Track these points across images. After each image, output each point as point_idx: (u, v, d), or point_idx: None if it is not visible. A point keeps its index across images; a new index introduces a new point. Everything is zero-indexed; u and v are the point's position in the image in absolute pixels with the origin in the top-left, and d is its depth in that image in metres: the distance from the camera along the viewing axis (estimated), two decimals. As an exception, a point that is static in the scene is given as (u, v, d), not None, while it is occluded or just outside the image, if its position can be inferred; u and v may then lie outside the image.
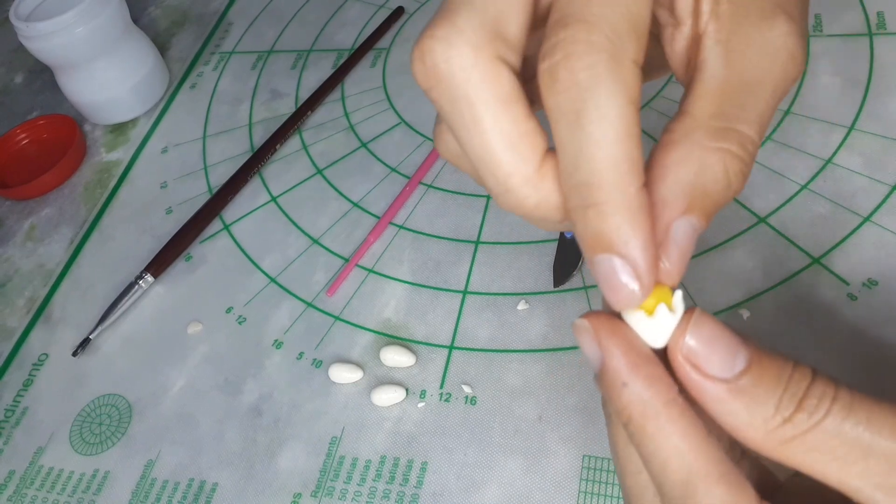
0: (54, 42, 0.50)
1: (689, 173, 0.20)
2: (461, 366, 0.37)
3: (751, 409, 0.19)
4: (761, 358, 0.20)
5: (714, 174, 0.20)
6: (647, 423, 0.20)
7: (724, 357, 0.19)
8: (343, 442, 0.36)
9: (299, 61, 0.56)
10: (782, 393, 0.19)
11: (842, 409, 0.19)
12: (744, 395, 0.19)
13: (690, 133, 0.20)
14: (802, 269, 0.36)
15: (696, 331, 0.20)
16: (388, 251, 0.43)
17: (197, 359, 0.41)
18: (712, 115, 0.20)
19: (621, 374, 0.20)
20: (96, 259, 0.48)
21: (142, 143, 0.54)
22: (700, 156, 0.20)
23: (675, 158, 0.20)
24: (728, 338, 0.20)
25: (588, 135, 0.18)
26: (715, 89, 0.20)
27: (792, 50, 0.21)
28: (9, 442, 0.41)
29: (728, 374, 0.19)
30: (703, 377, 0.19)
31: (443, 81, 0.19)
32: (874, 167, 0.38)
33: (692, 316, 0.20)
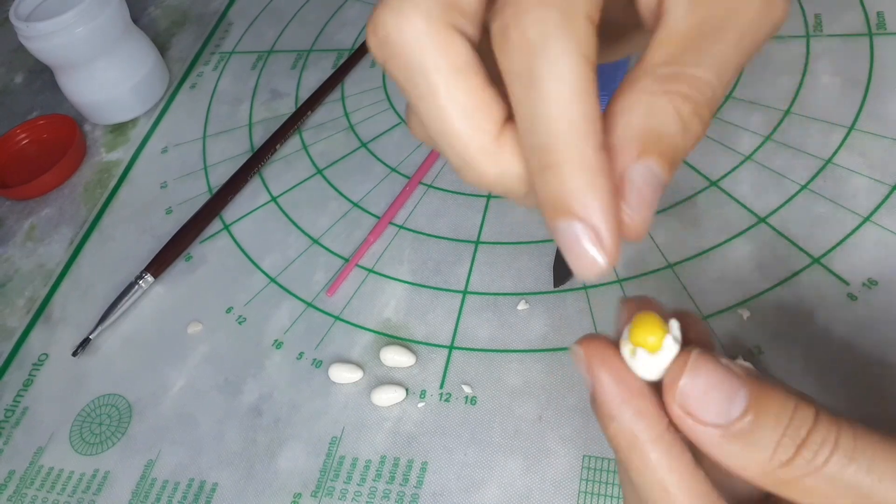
0: (54, 42, 0.50)
1: (639, 117, 0.18)
2: (461, 366, 0.37)
3: (747, 452, 0.19)
4: (761, 399, 0.19)
5: (665, 116, 0.18)
6: (633, 455, 0.20)
7: (721, 403, 0.19)
8: (343, 442, 0.36)
9: (299, 61, 0.56)
10: (780, 437, 0.19)
11: (843, 456, 0.18)
12: (740, 439, 0.19)
13: (637, 80, 0.19)
14: (802, 269, 0.36)
15: (692, 378, 0.19)
16: (388, 251, 0.43)
17: (197, 359, 0.41)
18: (663, 62, 0.19)
19: (609, 407, 0.20)
20: (96, 259, 0.48)
21: (142, 143, 0.54)
22: (648, 100, 0.18)
23: (622, 106, 0.19)
24: (726, 381, 0.19)
25: (542, 94, 0.17)
26: (671, 37, 0.19)
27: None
28: (9, 442, 0.41)
29: (724, 420, 0.19)
30: (698, 423, 0.19)
31: (396, 53, 0.19)
32: (874, 167, 0.38)
33: (688, 360, 0.19)
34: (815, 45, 0.44)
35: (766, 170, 0.40)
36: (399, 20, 0.18)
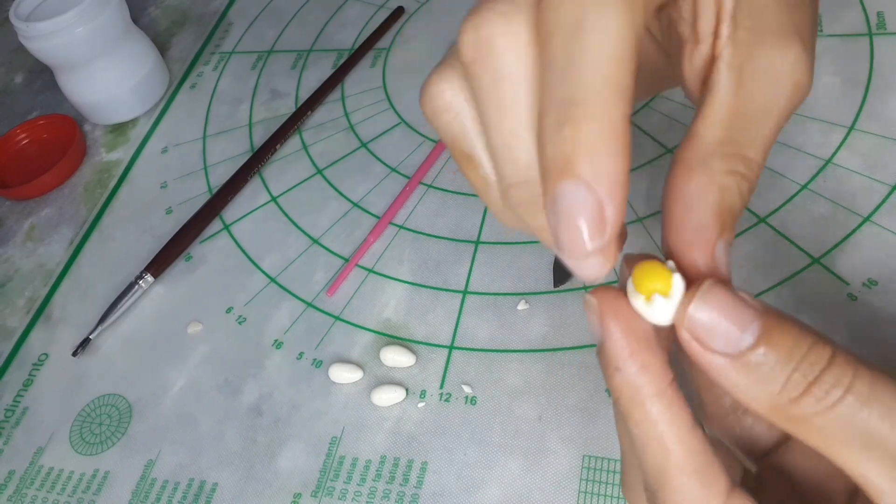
0: (54, 42, 0.50)
1: (715, 198, 0.20)
2: (461, 366, 0.37)
3: (756, 385, 0.19)
4: (774, 332, 0.19)
5: (732, 195, 0.20)
6: (634, 408, 0.20)
7: (731, 332, 0.19)
8: (343, 442, 0.36)
9: (299, 61, 0.56)
10: (791, 372, 0.19)
11: (856, 399, 0.18)
12: (749, 370, 0.19)
13: (707, 159, 0.21)
14: (802, 269, 0.36)
15: (701, 304, 0.19)
16: (388, 251, 0.43)
17: (197, 359, 0.41)
18: (723, 140, 0.21)
19: (616, 359, 0.20)
20: (96, 259, 0.48)
21: (142, 143, 0.54)
22: (718, 181, 0.20)
23: (700, 186, 0.20)
24: (737, 311, 0.19)
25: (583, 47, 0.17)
26: (725, 115, 0.21)
27: (799, 79, 0.21)
28: (9, 442, 0.41)
29: (733, 350, 0.19)
30: (706, 351, 0.19)
31: (491, 56, 0.19)
32: (874, 167, 0.38)
33: (700, 287, 0.19)
34: (815, 45, 0.44)
35: (766, 170, 0.40)
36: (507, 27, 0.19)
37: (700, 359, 0.19)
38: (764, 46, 0.21)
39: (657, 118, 0.44)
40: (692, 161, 0.21)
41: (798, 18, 0.22)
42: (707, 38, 0.22)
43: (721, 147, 0.21)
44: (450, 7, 0.56)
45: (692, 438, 0.20)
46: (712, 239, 0.20)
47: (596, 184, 0.17)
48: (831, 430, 0.18)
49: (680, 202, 0.21)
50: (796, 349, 0.19)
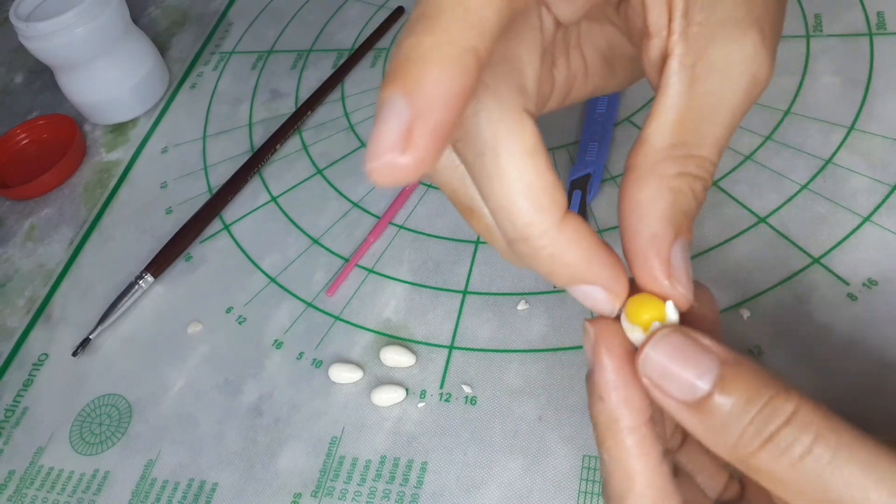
0: (54, 42, 0.50)
1: (667, 204, 0.21)
2: (461, 366, 0.37)
3: (713, 433, 0.19)
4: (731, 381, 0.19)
5: (684, 198, 0.21)
6: (608, 437, 0.21)
7: (686, 378, 0.19)
8: (343, 442, 0.36)
9: (299, 61, 0.56)
10: (748, 424, 0.19)
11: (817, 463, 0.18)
12: (706, 417, 0.19)
13: (657, 165, 0.21)
14: (802, 269, 0.36)
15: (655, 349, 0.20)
16: (388, 251, 0.43)
17: (197, 359, 0.41)
18: (673, 144, 0.21)
19: (600, 389, 0.21)
20: (96, 259, 0.48)
21: (142, 143, 0.54)
22: (668, 185, 0.21)
23: (650, 195, 0.21)
24: (695, 356, 0.19)
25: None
26: (674, 118, 0.21)
27: (756, 71, 0.21)
28: (9, 442, 0.41)
29: (689, 397, 0.19)
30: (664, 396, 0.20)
31: (468, 136, 0.19)
32: (874, 167, 0.38)
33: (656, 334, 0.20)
34: (815, 45, 0.44)
35: (766, 170, 0.40)
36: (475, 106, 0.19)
37: (659, 402, 0.20)
38: (717, 40, 0.21)
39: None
40: (642, 168, 0.21)
41: (757, 7, 0.21)
42: (660, 31, 0.21)
43: (671, 150, 0.21)
44: (450, 7, 0.56)
45: (657, 474, 0.21)
46: (666, 247, 0.21)
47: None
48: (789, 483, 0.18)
49: (633, 212, 0.21)
50: (754, 400, 0.19)
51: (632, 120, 0.44)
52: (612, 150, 0.43)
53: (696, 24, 0.21)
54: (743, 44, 0.21)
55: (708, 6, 0.21)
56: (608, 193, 0.41)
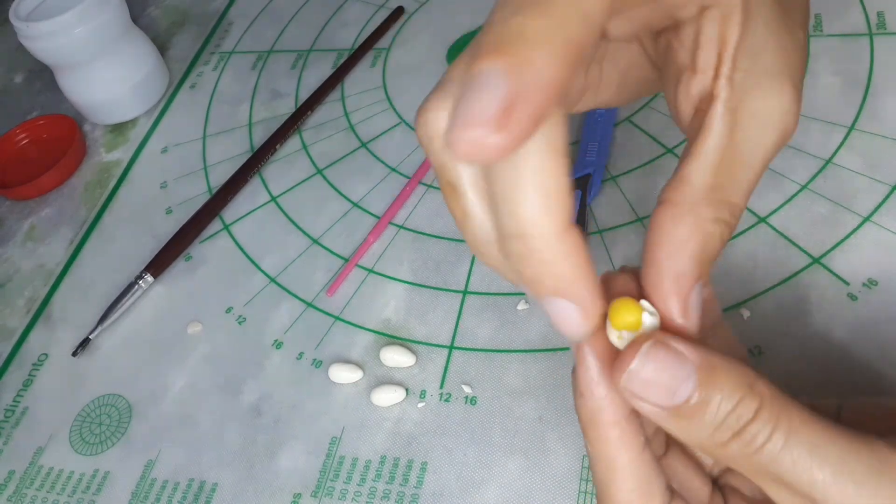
0: (54, 42, 0.50)
1: (699, 247, 0.21)
2: (461, 366, 0.37)
3: (688, 431, 0.21)
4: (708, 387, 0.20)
5: (713, 242, 0.21)
6: (590, 430, 0.22)
7: (667, 389, 0.20)
8: (343, 442, 0.36)
9: (299, 61, 0.56)
10: (720, 423, 0.20)
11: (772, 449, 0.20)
12: (682, 419, 0.21)
13: (695, 206, 0.21)
14: (802, 269, 0.36)
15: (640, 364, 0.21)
16: (388, 251, 0.43)
17: (197, 359, 0.41)
18: (712, 186, 0.21)
19: (584, 385, 0.22)
20: (96, 259, 0.48)
21: (142, 143, 0.54)
22: (703, 228, 0.21)
23: (684, 234, 0.21)
24: (674, 369, 0.21)
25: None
26: (716, 160, 0.21)
27: (788, 124, 0.22)
28: (9, 442, 0.41)
29: (668, 404, 0.21)
30: (643, 404, 0.21)
31: None
32: (874, 167, 0.38)
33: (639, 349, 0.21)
34: (815, 45, 0.44)
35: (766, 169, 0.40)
36: None
37: (639, 409, 0.21)
38: (759, 90, 0.22)
39: (657, 118, 0.44)
40: (681, 205, 0.21)
41: (792, 63, 0.22)
42: (706, 71, 0.22)
43: (710, 193, 0.21)
44: (450, 7, 0.56)
45: (640, 463, 0.22)
46: (689, 287, 0.21)
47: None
48: (753, 469, 0.21)
49: (664, 247, 0.21)
50: (725, 403, 0.20)
51: (632, 120, 0.44)
52: (612, 151, 0.43)
53: (742, 71, 0.21)
54: (781, 97, 0.22)
55: (752, 55, 0.21)
56: (608, 193, 0.41)
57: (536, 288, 0.20)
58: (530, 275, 0.20)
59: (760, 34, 0.22)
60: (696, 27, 0.22)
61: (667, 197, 0.22)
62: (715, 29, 0.21)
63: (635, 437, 0.22)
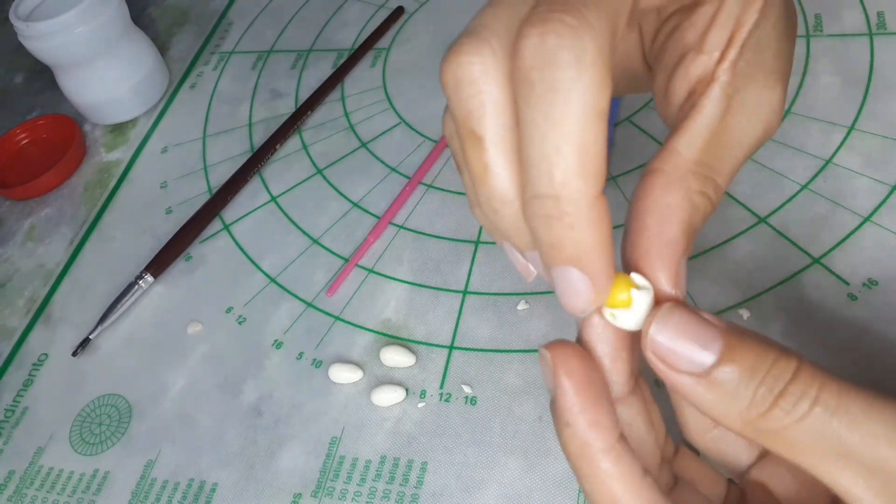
0: (54, 42, 0.50)
1: (686, 215, 0.21)
2: (461, 366, 0.37)
3: (724, 402, 0.19)
4: (736, 349, 0.19)
5: (698, 214, 0.22)
6: (582, 463, 0.21)
7: (693, 351, 0.19)
8: (343, 442, 0.36)
9: (299, 61, 0.56)
10: (757, 386, 0.19)
11: (825, 410, 0.18)
12: (716, 388, 0.19)
13: (683, 176, 0.22)
14: (802, 269, 0.36)
15: (661, 325, 0.20)
16: (388, 251, 0.43)
17: (197, 359, 0.41)
18: (699, 161, 0.22)
19: (566, 414, 0.20)
20: (96, 259, 0.48)
21: (142, 143, 0.54)
22: (691, 198, 0.21)
23: (675, 201, 0.21)
24: (698, 329, 0.20)
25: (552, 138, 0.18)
26: (706, 138, 0.22)
27: (772, 121, 0.23)
28: (9, 442, 0.41)
29: (697, 369, 0.19)
30: (671, 371, 0.20)
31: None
32: (874, 167, 0.38)
33: (660, 310, 0.20)
34: (815, 45, 0.44)
35: (766, 170, 0.40)
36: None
37: (667, 379, 0.20)
38: (756, 82, 0.22)
39: (657, 118, 0.44)
40: (671, 174, 0.21)
41: (786, 65, 0.23)
42: (712, 51, 0.22)
43: (697, 166, 0.22)
44: (450, 7, 0.56)
45: (642, 490, 0.20)
46: (679, 253, 0.21)
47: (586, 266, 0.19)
48: (803, 443, 0.19)
49: (654, 213, 0.21)
50: (760, 364, 0.19)
51: (632, 120, 0.44)
52: (612, 151, 0.43)
53: (745, 60, 0.22)
54: (773, 94, 0.23)
55: (756, 49, 0.22)
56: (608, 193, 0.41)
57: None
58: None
59: (770, 31, 0.22)
60: (718, 5, 0.22)
61: (655, 167, 0.22)
62: (736, 9, 0.22)
63: (632, 464, 0.21)
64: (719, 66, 0.22)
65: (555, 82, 0.18)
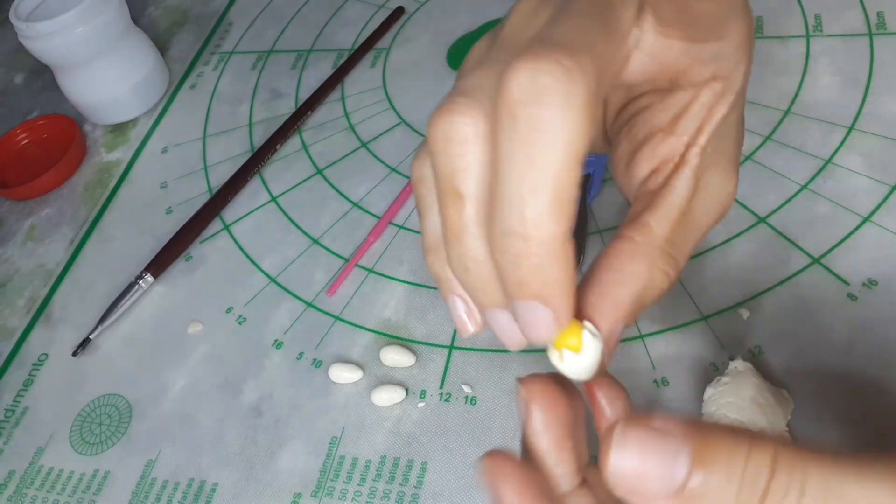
0: (54, 42, 0.50)
1: (642, 286, 0.22)
2: (461, 366, 0.37)
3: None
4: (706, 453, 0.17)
5: (654, 290, 0.23)
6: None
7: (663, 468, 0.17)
8: (343, 442, 0.36)
9: (299, 61, 0.56)
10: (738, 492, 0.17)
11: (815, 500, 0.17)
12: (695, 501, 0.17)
13: (651, 251, 0.23)
14: (802, 269, 0.36)
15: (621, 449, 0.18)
16: (388, 251, 0.43)
17: (197, 359, 0.41)
18: (668, 240, 0.23)
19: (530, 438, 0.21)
20: (96, 259, 0.48)
21: (142, 143, 0.54)
22: (652, 274, 0.23)
23: (636, 271, 0.22)
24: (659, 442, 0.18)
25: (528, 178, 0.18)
26: (675, 217, 0.23)
27: (727, 205, 0.25)
28: (9, 442, 0.41)
29: (670, 488, 0.17)
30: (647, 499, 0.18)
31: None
32: (874, 167, 0.38)
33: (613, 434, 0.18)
34: (815, 45, 0.44)
35: (766, 170, 0.40)
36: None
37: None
38: (718, 168, 0.24)
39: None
40: (641, 246, 0.23)
41: (740, 153, 0.25)
42: (682, 135, 0.24)
43: (665, 245, 0.23)
44: (450, 7, 0.56)
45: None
46: (622, 317, 0.22)
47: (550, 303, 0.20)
48: None
49: (615, 274, 0.22)
50: (735, 462, 0.17)
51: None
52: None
53: (711, 148, 0.24)
54: (729, 180, 0.25)
55: (721, 136, 0.24)
56: (608, 194, 0.41)
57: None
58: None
59: (733, 120, 0.24)
60: (694, 94, 0.24)
61: (629, 235, 0.23)
62: (710, 100, 0.24)
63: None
64: (690, 150, 0.24)
65: (540, 121, 0.18)
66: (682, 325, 0.36)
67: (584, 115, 0.18)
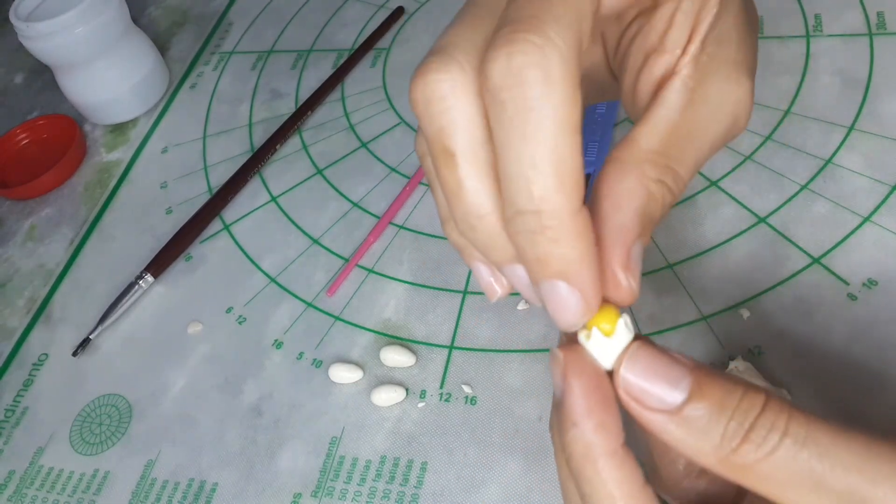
0: (54, 42, 0.50)
1: (640, 202, 0.21)
2: (461, 366, 0.37)
3: (696, 438, 0.19)
4: (705, 386, 0.20)
5: (655, 202, 0.22)
6: (586, 465, 0.20)
7: (663, 388, 0.20)
8: (343, 442, 0.36)
9: (299, 61, 0.56)
10: (727, 422, 0.19)
11: (794, 442, 0.19)
12: (688, 425, 0.19)
13: (639, 163, 0.21)
14: (802, 269, 0.36)
15: (632, 364, 0.20)
16: (388, 251, 0.43)
17: (197, 359, 0.41)
18: (658, 151, 0.22)
19: (574, 414, 0.21)
20: (96, 259, 0.48)
21: (142, 143, 0.54)
22: (646, 185, 0.21)
23: (628, 187, 0.21)
24: (667, 367, 0.20)
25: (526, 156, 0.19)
26: (666, 129, 0.22)
27: (739, 115, 0.23)
28: (9, 442, 0.41)
29: (667, 406, 0.20)
30: (644, 409, 0.20)
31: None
32: (874, 167, 0.38)
33: (628, 349, 0.20)
34: (815, 45, 0.44)
35: (766, 170, 0.40)
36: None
37: (640, 418, 0.20)
38: (719, 76, 0.22)
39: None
40: (627, 162, 0.22)
41: (750, 57, 0.23)
42: (673, 50, 0.23)
43: (655, 156, 0.22)
44: (450, 7, 0.56)
45: (642, 497, 0.20)
46: (631, 240, 0.21)
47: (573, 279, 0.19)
48: (776, 476, 0.19)
49: (608, 199, 0.21)
50: (729, 399, 0.19)
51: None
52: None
53: (706, 54, 0.22)
54: (737, 86, 0.23)
55: (718, 42, 0.22)
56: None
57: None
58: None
59: (730, 24, 0.23)
60: (676, 4, 0.23)
61: (614, 156, 0.22)
62: (694, 6, 0.22)
63: (634, 470, 0.20)
64: (680, 61, 0.22)
65: (525, 101, 0.18)
66: (682, 325, 0.36)
67: (566, 84, 0.18)
